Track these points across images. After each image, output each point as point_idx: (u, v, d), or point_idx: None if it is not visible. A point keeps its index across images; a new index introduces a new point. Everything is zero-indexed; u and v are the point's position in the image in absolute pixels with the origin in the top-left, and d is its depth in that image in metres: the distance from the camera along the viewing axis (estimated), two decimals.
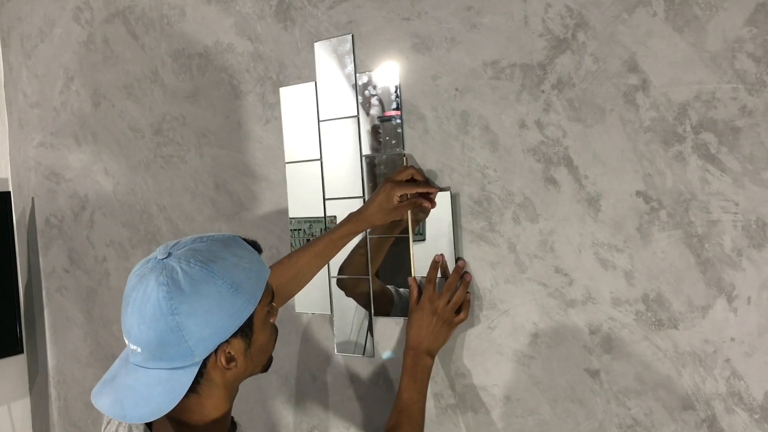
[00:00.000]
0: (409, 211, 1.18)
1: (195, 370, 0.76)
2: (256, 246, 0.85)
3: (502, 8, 1.07)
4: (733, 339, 0.93)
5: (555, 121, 1.04)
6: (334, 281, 1.32)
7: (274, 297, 0.87)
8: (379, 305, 1.27)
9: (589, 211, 1.03)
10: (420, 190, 1.14)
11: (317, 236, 1.20)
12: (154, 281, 0.75)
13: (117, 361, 0.81)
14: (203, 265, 0.76)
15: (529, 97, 1.06)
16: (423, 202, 1.14)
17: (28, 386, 2.08)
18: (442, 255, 1.15)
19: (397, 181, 1.14)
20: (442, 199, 1.16)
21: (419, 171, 1.17)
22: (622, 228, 1.00)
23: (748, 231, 0.91)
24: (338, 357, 1.34)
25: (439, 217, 1.16)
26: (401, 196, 1.13)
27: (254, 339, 0.81)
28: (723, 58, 0.90)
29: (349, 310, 1.31)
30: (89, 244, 1.83)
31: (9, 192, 2.00)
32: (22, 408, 2.06)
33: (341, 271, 1.31)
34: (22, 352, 1.99)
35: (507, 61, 1.08)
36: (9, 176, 2.06)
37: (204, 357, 0.76)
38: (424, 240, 1.19)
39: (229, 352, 0.78)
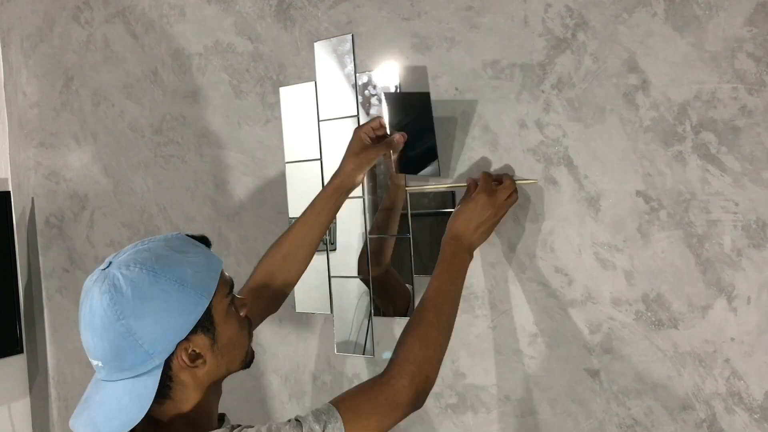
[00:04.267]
0: (408, 194, 1.18)
1: (158, 373, 0.75)
2: (204, 240, 0.84)
3: (502, 8, 1.07)
4: (733, 339, 0.93)
5: (555, 121, 1.04)
6: (333, 281, 1.32)
7: (233, 288, 0.85)
8: (397, 302, 1.25)
9: (589, 211, 1.03)
10: (377, 119, 1.13)
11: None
12: (98, 291, 0.75)
13: (89, 384, 0.81)
14: (143, 266, 0.76)
15: (529, 97, 1.06)
16: (395, 137, 1.11)
17: (28, 386, 2.08)
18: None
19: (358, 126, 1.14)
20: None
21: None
22: (622, 228, 1.00)
23: (748, 231, 0.91)
24: (338, 357, 1.34)
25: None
26: (366, 132, 1.11)
27: (219, 333, 0.80)
28: (723, 58, 0.90)
29: (349, 310, 1.31)
30: (89, 244, 1.83)
31: (9, 192, 2.00)
32: (22, 408, 2.06)
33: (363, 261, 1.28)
34: (22, 352, 1.99)
35: (507, 61, 1.08)
36: (9, 176, 2.06)
37: (164, 358, 0.75)
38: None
39: (193, 350, 0.77)
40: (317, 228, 1.11)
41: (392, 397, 0.85)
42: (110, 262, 0.78)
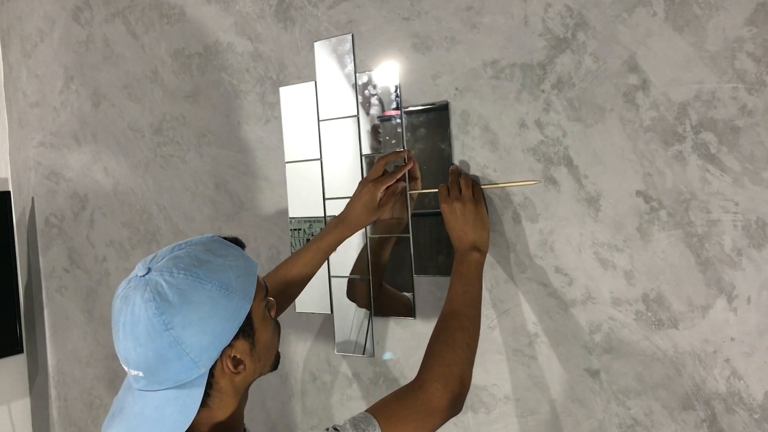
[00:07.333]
0: (409, 197, 1.19)
1: (203, 382, 0.73)
2: (238, 242, 0.82)
3: (502, 8, 1.07)
4: (733, 339, 0.93)
5: (555, 121, 1.04)
6: (334, 281, 1.32)
7: (268, 290, 0.83)
8: (399, 310, 1.25)
9: (589, 211, 1.03)
10: (399, 175, 1.15)
11: (304, 246, 1.17)
12: (140, 299, 0.71)
13: (121, 392, 0.78)
14: (187, 271, 0.72)
15: (529, 96, 1.06)
16: (402, 185, 1.17)
17: (28, 386, 2.08)
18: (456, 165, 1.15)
19: (375, 179, 1.14)
20: None
21: (388, 155, 1.18)
22: (622, 228, 1.00)
23: (748, 231, 0.91)
24: (338, 357, 1.34)
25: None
26: (384, 191, 1.13)
27: (257, 337, 0.78)
28: (723, 58, 0.90)
29: (349, 310, 1.31)
30: (89, 244, 1.83)
31: (9, 192, 2.00)
32: (22, 408, 2.06)
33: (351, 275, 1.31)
34: (22, 352, 1.99)
35: (507, 60, 1.08)
36: (9, 176, 2.06)
37: (209, 366, 0.73)
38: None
39: (235, 356, 0.75)
40: (314, 269, 1.15)
41: (427, 401, 0.84)
42: (149, 268, 0.73)
